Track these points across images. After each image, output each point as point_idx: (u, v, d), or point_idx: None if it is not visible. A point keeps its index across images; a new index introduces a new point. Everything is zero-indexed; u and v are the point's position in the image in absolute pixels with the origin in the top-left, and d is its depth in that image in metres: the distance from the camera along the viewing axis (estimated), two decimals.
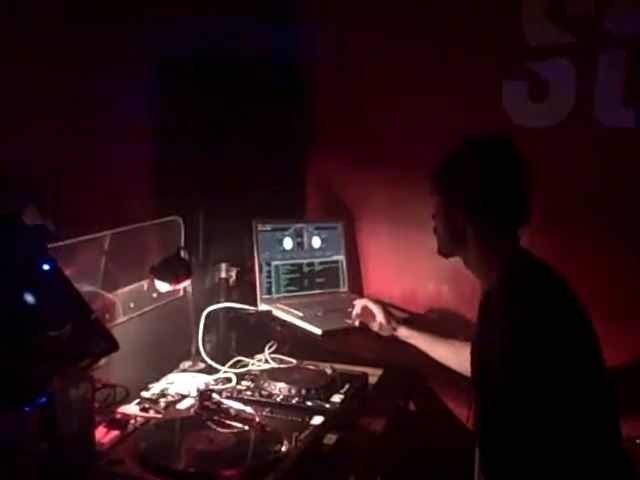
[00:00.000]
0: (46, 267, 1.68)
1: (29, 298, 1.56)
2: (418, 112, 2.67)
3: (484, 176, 1.81)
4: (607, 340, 1.81)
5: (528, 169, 1.82)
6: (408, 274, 2.76)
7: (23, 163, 1.89)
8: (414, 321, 2.50)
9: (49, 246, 1.76)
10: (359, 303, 2.42)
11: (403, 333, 2.37)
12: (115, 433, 1.87)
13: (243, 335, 2.54)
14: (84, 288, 1.93)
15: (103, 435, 1.85)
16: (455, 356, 2.19)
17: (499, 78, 2.57)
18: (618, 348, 2.19)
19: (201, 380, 2.26)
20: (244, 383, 2.23)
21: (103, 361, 1.80)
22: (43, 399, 1.58)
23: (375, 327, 2.40)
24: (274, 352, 2.45)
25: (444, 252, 1.96)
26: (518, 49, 2.53)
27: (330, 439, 1.90)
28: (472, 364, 1.84)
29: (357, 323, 2.42)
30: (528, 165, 1.82)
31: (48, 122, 2.03)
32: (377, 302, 2.43)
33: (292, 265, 2.73)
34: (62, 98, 2.08)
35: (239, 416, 1.96)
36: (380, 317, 2.37)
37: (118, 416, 1.97)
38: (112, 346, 1.71)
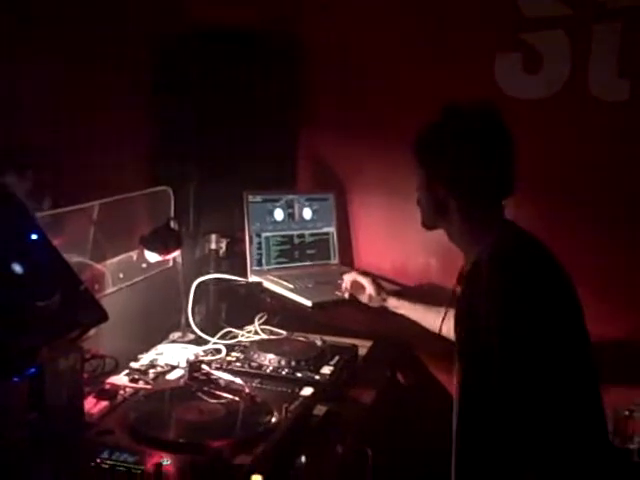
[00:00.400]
0: (34, 237, 1.66)
1: (17, 268, 1.55)
2: (411, 84, 2.65)
3: (465, 147, 1.77)
4: (593, 312, 1.81)
5: (511, 138, 1.78)
6: (399, 246, 2.75)
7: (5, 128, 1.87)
8: (403, 293, 2.50)
9: (37, 215, 1.75)
10: (348, 277, 2.42)
11: (392, 303, 2.37)
12: (104, 404, 1.87)
13: (233, 306, 2.53)
14: (73, 259, 1.91)
15: (92, 406, 1.85)
16: (444, 322, 2.19)
17: (493, 50, 2.54)
18: (605, 320, 2.20)
19: (190, 351, 2.26)
20: (234, 354, 2.23)
21: (92, 332, 1.79)
22: (32, 370, 1.57)
23: (364, 299, 2.40)
24: (264, 323, 2.45)
25: (427, 224, 1.94)
26: (513, 20, 2.50)
27: (320, 410, 1.89)
28: (456, 332, 1.85)
29: (347, 295, 2.41)
30: (512, 134, 1.78)
31: (39, 88, 2.00)
32: (366, 274, 2.43)
33: (283, 237, 2.71)
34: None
35: (229, 387, 1.96)
36: (369, 289, 2.37)
37: (107, 387, 1.97)
38: (101, 317, 1.71)
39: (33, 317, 1.53)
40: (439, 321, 2.20)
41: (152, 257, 2.26)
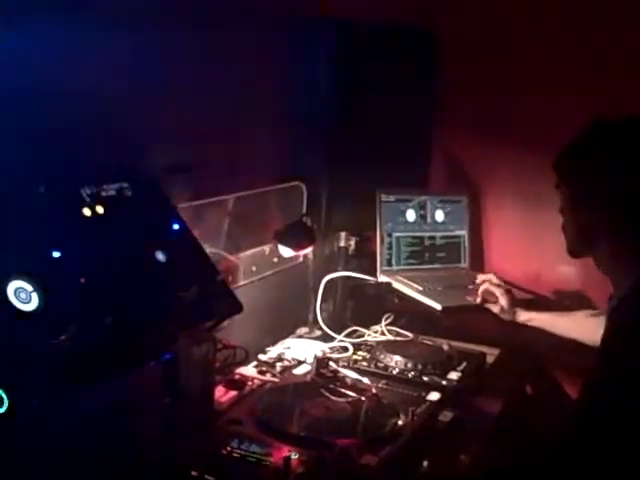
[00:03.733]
0: (176, 227, 1.71)
1: (160, 256, 1.59)
2: (555, 91, 2.55)
3: (616, 168, 1.59)
4: None
5: None
6: (533, 254, 2.67)
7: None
8: (536, 303, 2.43)
9: (178, 206, 1.80)
10: (482, 282, 2.36)
11: (523, 317, 2.31)
12: (233, 393, 1.91)
13: (360, 305, 2.53)
14: (208, 249, 1.95)
15: (222, 394, 1.88)
16: (576, 326, 2.10)
17: None
18: None
19: (317, 347, 2.27)
20: (360, 353, 2.22)
21: (226, 322, 1.82)
22: (168, 356, 1.61)
23: (496, 309, 2.34)
24: (390, 324, 2.43)
25: (573, 252, 1.77)
26: None
27: (445, 416, 1.86)
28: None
29: (478, 301, 2.36)
30: None
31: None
32: (500, 284, 2.37)
33: (414, 237, 2.69)
34: None
35: (355, 386, 1.96)
36: (502, 300, 2.31)
37: (237, 377, 2.00)
38: (236, 308, 1.74)
39: (173, 305, 1.57)
40: (569, 326, 2.11)
41: (285, 252, 2.28)
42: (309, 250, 2.37)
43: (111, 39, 1.68)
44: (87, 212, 1.52)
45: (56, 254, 1.39)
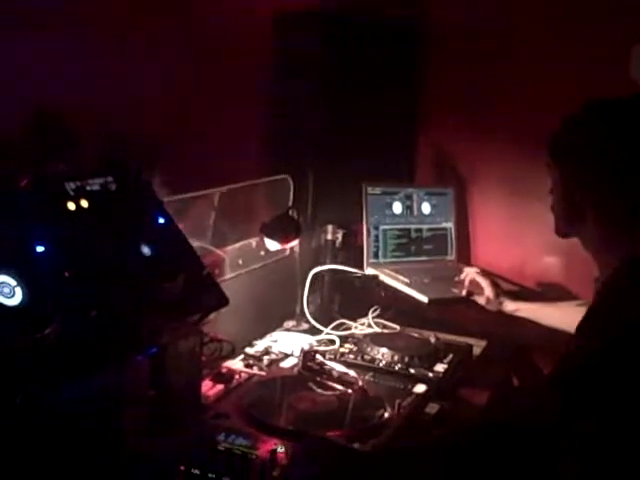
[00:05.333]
0: (161, 220, 1.70)
1: (145, 250, 1.59)
2: (538, 78, 2.56)
3: (609, 147, 1.58)
4: None
5: None
6: (519, 245, 2.68)
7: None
8: (522, 293, 2.44)
9: (164, 200, 1.79)
10: (468, 274, 2.37)
11: (510, 307, 2.31)
12: (220, 387, 1.91)
13: (347, 298, 2.54)
14: (194, 243, 1.95)
15: (208, 388, 1.89)
16: (563, 316, 2.11)
17: (628, 43, 2.43)
18: None
19: (304, 340, 2.27)
20: (347, 346, 2.23)
21: (212, 316, 1.82)
22: (154, 349, 1.61)
23: (482, 301, 2.34)
24: (377, 317, 2.44)
25: (560, 232, 1.75)
26: None
27: (432, 408, 1.87)
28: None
29: (464, 293, 2.37)
30: None
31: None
32: (486, 275, 2.37)
33: (400, 230, 2.69)
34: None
35: (342, 379, 1.96)
36: (488, 291, 2.31)
37: (223, 370, 2.01)
38: (222, 301, 1.73)
39: (158, 298, 1.57)
40: (556, 316, 2.12)
41: (272, 245, 2.28)
42: (296, 243, 2.37)
43: None
44: (71, 206, 1.51)
45: (40, 248, 1.38)
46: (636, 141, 1.56)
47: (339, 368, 2.01)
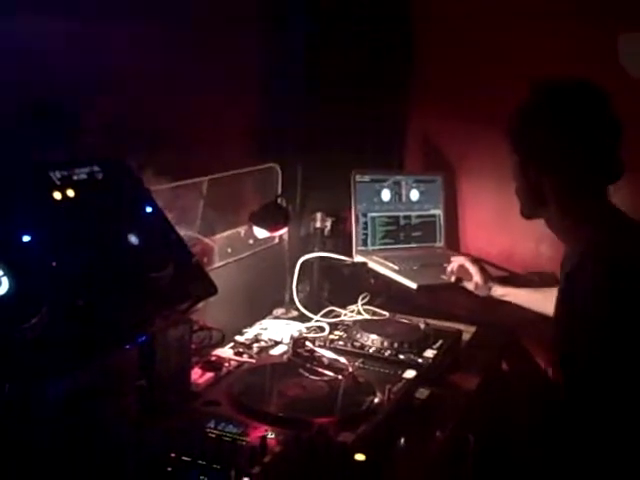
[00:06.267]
0: (149, 209, 1.70)
1: (133, 239, 1.58)
2: (527, 65, 2.56)
3: (558, 124, 1.67)
4: None
5: (614, 117, 1.66)
6: (507, 232, 2.69)
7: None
8: (510, 279, 2.44)
9: (152, 189, 1.79)
10: (456, 261, 2.38)
11: (499, 292, 2.33)
12: (210, 375, 1.91)
13: (336, 285, 2.54)
14: (183, 232, 1.95)
15: (198, 376, 1.89)
16: (551, 301, 2.12)
17: (616, 29, 2.43)
18: None
19: (294, 328, 2.28)
20: (337, 333, 2.23)
21: (201, 304, 1.82)
22: (143, 338, 1.61)
23: (471, 286, 2.36)
24: (366, 304, 2.44)
25: (525, 213, 1.85)
26: None
27: (422, 394, 1.87)
28: (554, 327, 1.77)
29: (453, 279, 2.38)
30: (615, 114, 1.66)
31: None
32: (475, 261, 2.38)
33: (389, 217, 2.70)
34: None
35: (332, 365, 1.96)
36: (477, 277, 2.32)
37: (213, 358, 2.01)
38: (211, 290, 1.73)
39: (146, 287, 1.56)
40: (546, 302, 2.13)
41: (260, 233, 2.28)
42: (284, 231, 2.37)
43: None
44: (58, 196, 1.50)
45: (26, 238, 1.37)
46: (581, 125, 1.65)
47: (329, 355, 2.01)
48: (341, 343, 2.14)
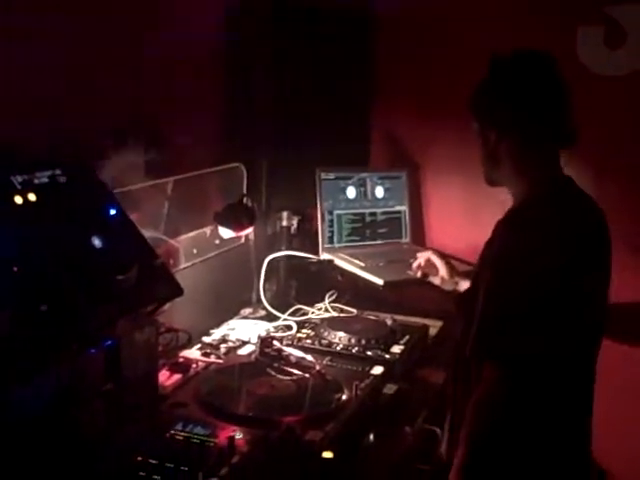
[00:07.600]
0: (112, 212, 1.69)
1: (97, 242, 1.58)
2: (487, 60, 2.58)
3: (504, 90, 1.79)
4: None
5: (565, 84, 1.76)
6: (474, 226, 2.68)
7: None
8: None
9: (114, 191, 1.77)
10: (422, 256, 2.39)
11: (465, 286, 2.34)
12: (177, 377, 1.91)
13: (303, 284, 2.55)
14: (148, 234, 1.94)
15: (166, 378, 1.89)
16: None
17: (575, 24, 2.47)
18: None
19: (261, 327, 2.28)
20: (304, 331, 2.24)
21: (167, 306, 1.82)
22: (109, 341, 1.60)
23: (437, 281, 2.37)
24: (334, 301, 2.45)
25: (487, 179, 1.91)
26: None
27: (389, 389, 1.89)
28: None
29: (419, 275, 2.39)
30: (560, 79, 1.76)
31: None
32: (440, 256, 2.39)
33: (354, 214, 2.70)
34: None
35: (299, 364, 1.97)
36: (442, 271, 2.34)
37: (180, 360, 2.00)
38: (177, 291, 1.72)
39: (111, 290, 1.56)
40: None
41: (226, 233, 2.28)
42: (250, 231, 2.37)
43: None
44: (19, 200, 1.49)
45: None
46: (525, 89, 1.77)
47: (297, 353, 2.02)
48: (309, 341, 2.15)
